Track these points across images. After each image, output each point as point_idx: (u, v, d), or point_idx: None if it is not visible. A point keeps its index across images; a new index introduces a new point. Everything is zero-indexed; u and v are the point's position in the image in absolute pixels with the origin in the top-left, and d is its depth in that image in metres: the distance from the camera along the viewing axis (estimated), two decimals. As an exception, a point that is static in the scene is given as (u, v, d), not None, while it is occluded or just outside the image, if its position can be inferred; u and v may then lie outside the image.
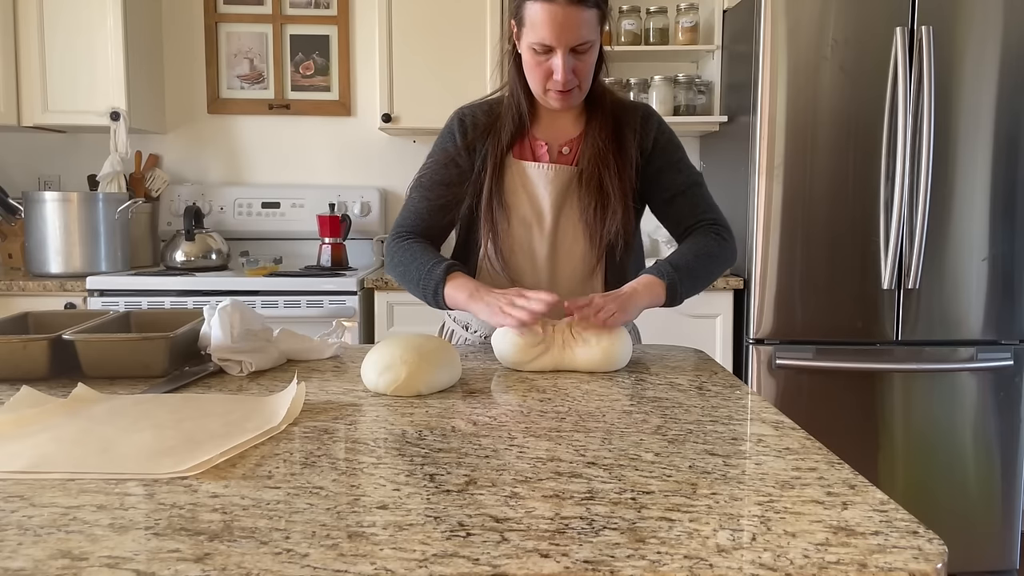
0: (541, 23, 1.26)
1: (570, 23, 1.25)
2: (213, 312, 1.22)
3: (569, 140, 1.43)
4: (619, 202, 1.37)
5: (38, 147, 3.05)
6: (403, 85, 2.76)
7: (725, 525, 0.63)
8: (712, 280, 1.41)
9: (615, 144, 1.39)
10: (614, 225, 1.37)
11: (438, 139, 1.48)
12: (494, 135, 1.41)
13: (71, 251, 2.57)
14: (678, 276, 1.32)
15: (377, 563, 0.56)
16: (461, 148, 1.42)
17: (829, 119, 2.34)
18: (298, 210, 3.00)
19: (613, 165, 1.38)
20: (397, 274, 1.41)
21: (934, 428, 2.42)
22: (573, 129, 1.43)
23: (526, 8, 1.28)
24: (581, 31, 1.27)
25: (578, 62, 1.30)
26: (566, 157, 1.42)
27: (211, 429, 0.87)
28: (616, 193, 1.37)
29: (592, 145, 1.39)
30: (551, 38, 1.26)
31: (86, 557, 0.56)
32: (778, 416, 0.96)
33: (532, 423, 0.92)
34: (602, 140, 1.39)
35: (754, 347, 2.42)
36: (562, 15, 1.25)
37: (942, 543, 0.60)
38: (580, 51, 1.29)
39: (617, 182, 1.37)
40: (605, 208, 1.38)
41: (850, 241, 2.37)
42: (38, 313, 1.35)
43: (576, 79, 1.32)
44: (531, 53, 1.31)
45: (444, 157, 1.44)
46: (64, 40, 2.70)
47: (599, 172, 1.38)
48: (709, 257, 1.38)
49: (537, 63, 1.31)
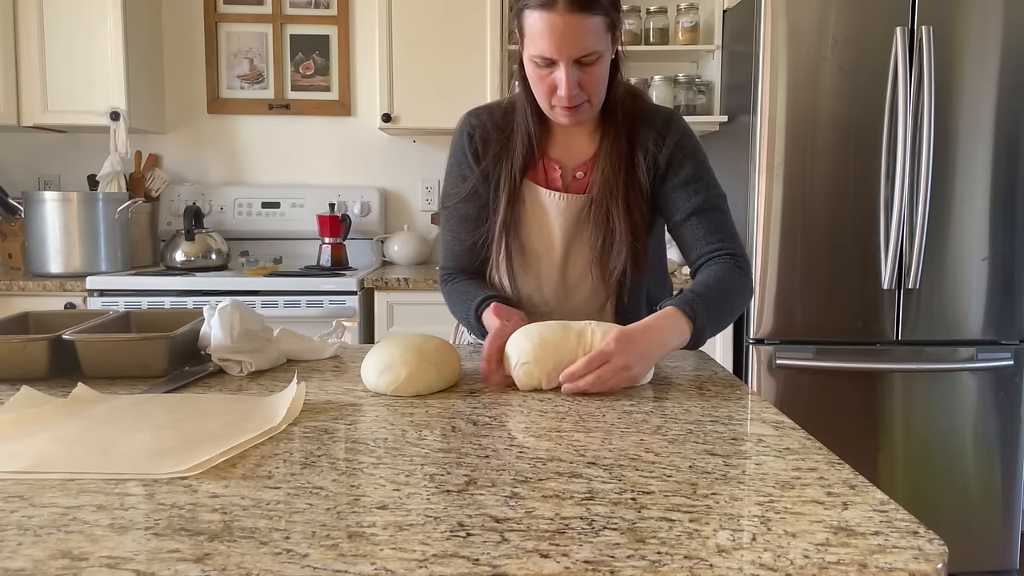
0: (540, 34, 1.16)
1: (572, 33, 1.15)
2: (213, 312, 1.22)
3: (583, 163, 1.34)
4: (624, 240, 1.28)
5: (38, 147, 3.05)
6: (403, 85, 2.76)
7: (725, 525, 0.63)
8: (731, 322, 1.29)
9: (627, 170, 1.29)
10: (619, 263, 1.29)
11: (453, 158, 1.39)
12: (507, 158, 1.32)
13: (71, 251, 2.57)
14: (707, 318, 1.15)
15: (377, 563, 0.56)
16: (479, 175, 1.34)
17: (829, 119, 2.34)
18: (298, 210, 3.00)
19: (621, 197, 1.28)
20: (458, 320, 1.41)
21: (934, 428, 2.42)
22: (588, 147, 1.34)
23: (524, 17, 1.19)
24: (585, 41, 1.16)
25: (585, 75, 1.19)
26: (579, 183, 1.33)
27: (211, 429, 0.87)
28: (622, 228, 1.28)
29: (603, 173, 1.30)
30: (552, 50, 1.16)
31: (86, 557, 0.56)
32: (778, 416, 0.96)
33: (532, 423, 0.92)
34: (612, 168, 1.29)
35: (754, 347, 2.42)
36: (562, 24, 1.14)
37: (942, 543, 0.60)
38: (586, 63, 1.18)
39: (625, 216, 1.28)
40: (611, 245, 1.29)
41: (850, 241, 2.37)
42: (38, 313, 1.35)
43: (584, 93, 1.21)
44: (533, 66, 1.21)
45: (465, 188, 1.35)
46: (64, 40, 2.70)
47: (607, 205, 1.29)
48: (734, 295, 1.24)
49: (540, 77, 1.21)
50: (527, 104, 1.30)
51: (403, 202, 3.15)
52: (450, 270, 1.41)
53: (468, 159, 1.35)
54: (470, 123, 1.37)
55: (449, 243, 1.41)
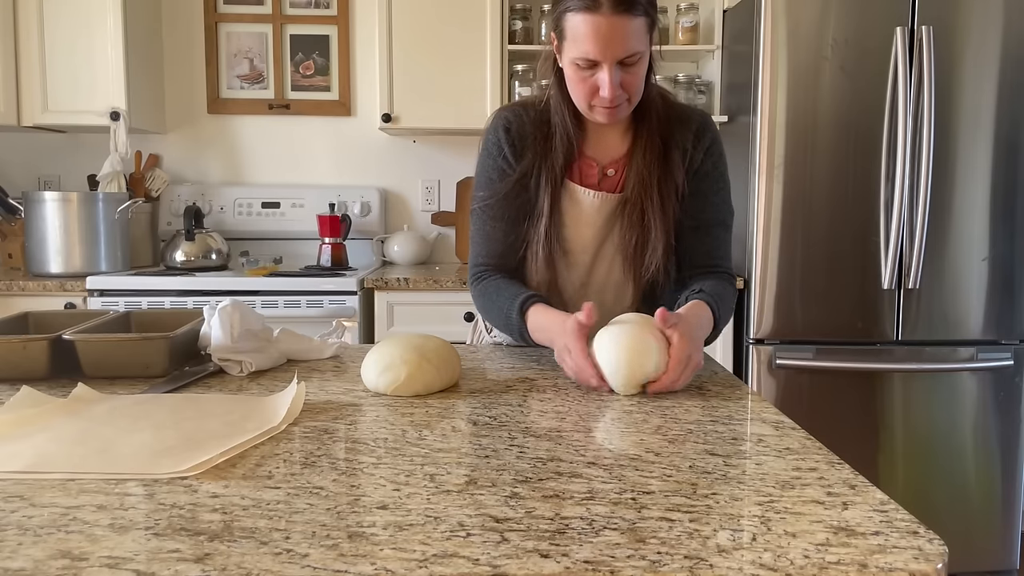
0: (584, 36, 1.15)
1: (617, 34, 1.14)
2: (213, 312, 1.22)
3: (615, 160, 1.33)
4: (660, 238, 1.28)
5: (38, 147, 3.05)
6: (403, 85, 2.76)
7: (725, 525, 0.63)
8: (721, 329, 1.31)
9: (661, 170, 1.29)
10: (654, 262, 1.29)
11: (487, 153, 1.35)
12: (547, 158, 1.31)
13: (71, 251, 2.57)
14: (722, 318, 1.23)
15: (377, 563, 0.56)
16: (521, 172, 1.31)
17: (829, 119, 2.34)
18: (298, 210, 3.00)
19: (656, 197, 1.28)
20: (489, 320, 1.36)
21: (934, 428, 2.42)
22: (620, 145, 1.34)
23: (567, 20, 1.17)
24: (629, 42, 1.15)
25: (626, 75, 1.19)
26: (611, 181, 1.33)
27: (211, 429, 0.87)
28: (658, 227, 1.28)
29: (637, 173, 1.29)
30: (596, 52, 1.15)
31: (86, 557, 0.56)
32: (778, 416, 0.96)
33: (532, 423, 0.92)
34: (647, 167, 1.29)
35: (754, 347, 2.42)
36: (607, 26, 1.13)
37: (942, 543, 0.60)
38: (628, 63, 1.18)
39: (660, 214, 1.28)
40: (645, 244, 1.29)
41: (850, 241, 2.37)
42: (38, 313, 1.35)
43: (625, 93, 1.21)
44: (574, 68, 1.20)
45: (502, 187, 1.33)
46: (64, 40, 2.70)
47: (642, 204, 1.29)
48: (729, 310, 1.30)
49: (581, 79, 1.20)
50: (563, 105, 1.29)
51: (403, 202, 3.15)
52: (484, 267, 1.37)
53: (506, 154, 1.32)
54: (505, 118, 1.34)
55: (483, 240, 1.37)
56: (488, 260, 1.36)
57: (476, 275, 1.37)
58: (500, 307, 1.29)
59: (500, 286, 1.32)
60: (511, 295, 1.28)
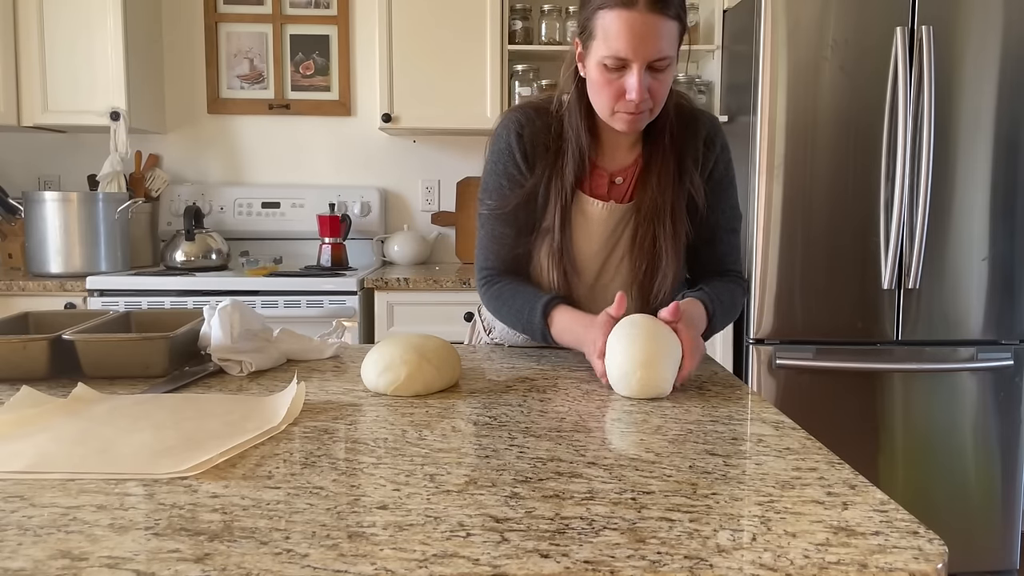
0: (617, 33, 1.12)
1: (650, 34, 1.11)
2: (213, 312, 1.22)
3: (624, 168, 1.31)
4: (670, 265, 1.28)
5: (38, 147, 3.05)
6: (403, 85, 2.76)
7: (725, 525, 0.63)
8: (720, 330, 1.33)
9: (674, 188, 1.28)
10: (663, 289, 1.29)
11: (497, 156, 1.32)
12: (559, 169, 1.28)
13: (71, 251, 2.57)
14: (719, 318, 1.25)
15: (377, 563, 0.56)
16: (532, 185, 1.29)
17: (829, 119, 2.34)
18: (298, 210, 3.00)
19: (669, 224, 1.27)
20: (505, 323, 1.35)
21: (934, 428, 2.42)
22: (630, 153, 1.31)
23: (598, 18, 1.14)
24: (661, 44, 1.13)
25: (654, 81, 1.16)
26: (619, 189, 1.31)
27: (211, 429, 0.87)
28: (670, 256, 1.27)
29: (651, 199, 1.27)
30: (627, 50, 1.12)
31: (86, 557, 0.56)
32: (778, 416, 0.96)
33: (532, 423, 0.92)
34: (661, 194, 1.27)
35: (754, 347, 2.42)
36: (641, 24, 1.11)
37: (942, 543, 0.60)
38: (658, 68, 1.15)
39: (671, 243, 1.27)
40: (655, 271, 1.28)
41: (850, 241, 2.37)
42: (38, 313, 1.35)
43: (650, 100, 1.18)
44: (601, 70, 1.16)
45: (514, 196, 1.31)
46: (64, 40, 2.70)
47: (654, 231, 1.27)
48: (735, 310, 1.32)
49: (608, 81, 1.16)
50: (580, 116, 1.26)
51: (403, 202, 3.16)
52: (494, 271, 1.35)
53: (517, 159, 1.30)
54: (518, 121, 1.30)
55: (490, 245, 1.35)
56: (498, 264, 1.35)
57: (486, 279, 1.36)
58: (519, 310, 1.28)
59: (516, 289, 1.31)
60: (530, 297, 1.27)
